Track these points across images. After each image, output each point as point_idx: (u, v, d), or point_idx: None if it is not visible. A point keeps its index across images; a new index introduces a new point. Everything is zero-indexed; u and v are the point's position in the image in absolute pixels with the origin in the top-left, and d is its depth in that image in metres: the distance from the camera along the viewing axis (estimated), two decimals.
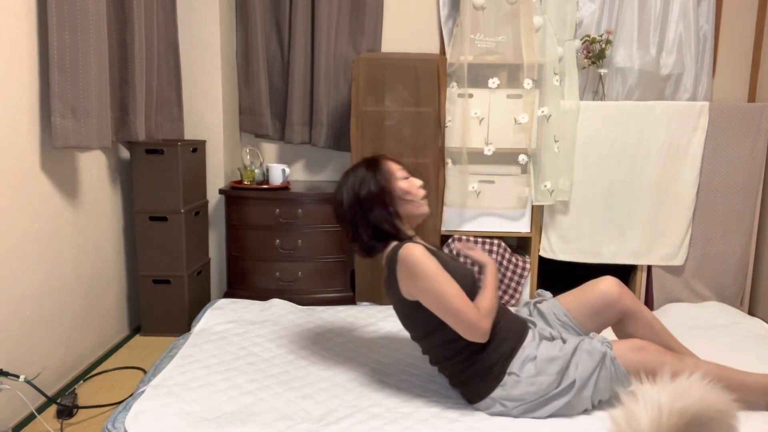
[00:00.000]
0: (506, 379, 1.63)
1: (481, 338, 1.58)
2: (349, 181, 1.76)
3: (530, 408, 1.62)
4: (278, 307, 2.51)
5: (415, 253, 1.62)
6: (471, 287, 1.69)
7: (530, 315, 1.88)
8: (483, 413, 1.65)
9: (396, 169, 1.78)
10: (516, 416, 1.63)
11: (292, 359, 2.01)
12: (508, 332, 1.68)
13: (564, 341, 1.69)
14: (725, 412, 1.16)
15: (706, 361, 1.65)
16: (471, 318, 1.56)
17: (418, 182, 1.79)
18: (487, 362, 1.64)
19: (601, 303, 1.78)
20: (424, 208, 1.78)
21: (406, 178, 1.78)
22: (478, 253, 1.84)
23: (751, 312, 3.03)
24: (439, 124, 2.77)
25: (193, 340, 2.12)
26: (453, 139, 2.80)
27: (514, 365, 1.64)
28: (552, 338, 1.72)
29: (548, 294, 1.95)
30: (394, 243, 1.72)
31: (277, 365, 1.96)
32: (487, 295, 1.65)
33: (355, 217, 1.74)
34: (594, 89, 3.11)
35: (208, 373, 1.87)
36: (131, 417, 1.58)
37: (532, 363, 1.63)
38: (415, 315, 1.69)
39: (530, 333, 1.71)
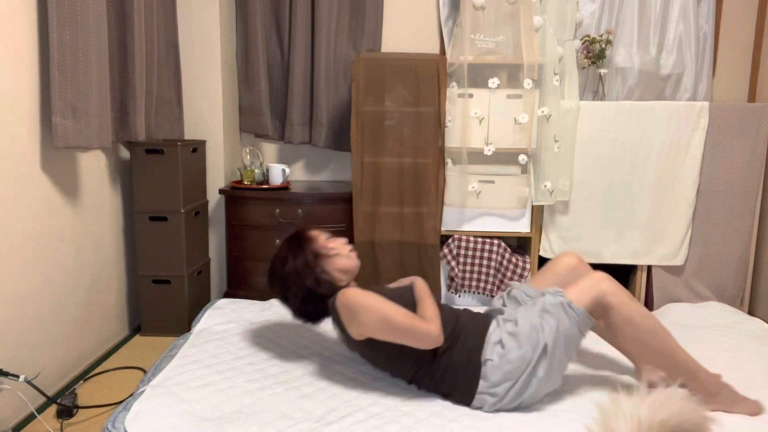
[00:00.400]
0: (484, 369, 1.66)
1: (436, 341, 1.63)
2: (276, 267, 1.86)
3: (520, 389, 1.64)
4: (278, 307, 2.51)
5: (349, 293, 1.70)
6: (413, 305, 1.76)
7: (504, 304, 1.94)
8: (482, 412, 1.65)
9: (317, 234, 1.88)
10: (511, 402, 1.65)
11: (292, 359, 2.01)
12: (470, 328, 1.74)
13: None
14: (701, 425, 1.17)
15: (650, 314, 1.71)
16: (420, 327, 1.62)
17: (342, 239, 1.90)
18: (460, 361, 1.68)
19: (567, 270, 1.95)
20: (352, 260, 1.85)
21: (329, 238, 1.89)
22: (401, 281, 1.93)
23: (751, 312, 3.03)
24: (439, 124, 2.77)
25: (193, 340, 2.12)
26: (453, 139, 2.80)
27: (486, 353, 1.68)
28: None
29: (517, 283, 2.02)
30: (332, 298, 1.80)
31: (277, 365, 1.96)
32: (425, 303, 1.73)
33: (292, 292, 1.84)
34: (594, 89, 3.11)
35: (208, 373, 1.87)
36: (131, 417, 1.58)
37: (500, 345, 1.68)
38: (378, 351, 1.74)
39: (494, 322, 1.76)
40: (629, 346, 1.69)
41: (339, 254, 1.82)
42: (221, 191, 2.95)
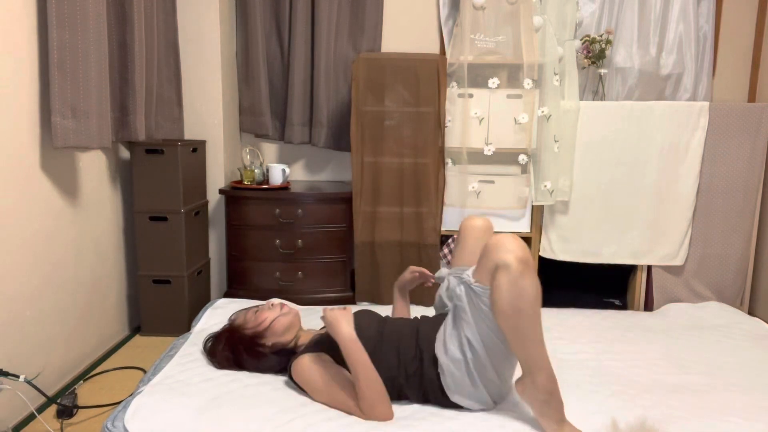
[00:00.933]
0: (441, 381, 1.65)
1: (383, 419, 1.59)
2: (241, 363, 1.87)
3: (486, 388, 1.61)
4: None
5: (299, 369, 1.71)
6: (375, 345, 1.71)
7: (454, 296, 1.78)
8: (479, 413, 1.65)
9: (242, 320, 1.88)
10: (493, 402, 1.64)
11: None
12: (429, 342, 1.69)
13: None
14: None
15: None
16: (360, 416, 1.61)
17: (269, 302, 1.91)
18: (432, 375, 1.66)
19: (482, 232, 1.92)
20: (288, 315, 1.86)
21: (257, 311, 1.88)
22: (333, 329, 1.69)
23: (751, 312, 3.03)
24: (439, 124, 2.77)
25: (193, 340, 2.12)
26: (453, 139, 2.80)
27: (437, 364, 1.66)
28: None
29: (444, 270, 1.91)
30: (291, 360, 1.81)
31: None
32: (358, 385, 1.60)
33: (247, 367, 1.87)
34: (594, 89, 3.11)
35: (208, 370, 1.87)
36: (131, 413, 1.58)
37: (440, 357, 1.64)
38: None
39: (441, 327, 1.71)
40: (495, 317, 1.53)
41: (273, 321, 1.83)
42: (221, 191, 2.95)
